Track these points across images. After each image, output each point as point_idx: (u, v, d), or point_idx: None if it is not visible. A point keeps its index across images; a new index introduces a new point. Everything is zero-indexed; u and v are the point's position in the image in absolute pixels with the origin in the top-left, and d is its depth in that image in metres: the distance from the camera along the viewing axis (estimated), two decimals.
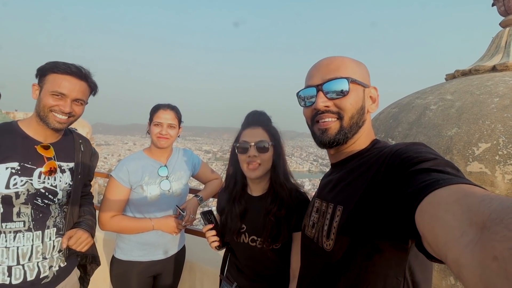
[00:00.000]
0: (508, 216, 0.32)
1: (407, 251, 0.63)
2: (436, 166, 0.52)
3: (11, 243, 1.18)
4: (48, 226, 1.27)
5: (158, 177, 1.66)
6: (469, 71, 2.13)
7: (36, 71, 1.24)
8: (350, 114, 0.77)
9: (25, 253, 1.20)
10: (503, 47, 2.12)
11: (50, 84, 1.20)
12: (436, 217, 0.43)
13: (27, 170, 1.21)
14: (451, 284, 1.35)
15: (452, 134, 1.52)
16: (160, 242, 1.67)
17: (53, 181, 1.28)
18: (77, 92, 1.25)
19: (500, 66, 1.93)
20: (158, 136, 1.61)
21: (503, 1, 2.13)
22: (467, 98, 1.67)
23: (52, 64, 1.22)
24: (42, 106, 1.20)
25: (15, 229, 1.19)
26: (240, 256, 1.27)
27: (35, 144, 1.25)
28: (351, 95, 0.76)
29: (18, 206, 1.18)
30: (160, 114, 1.63)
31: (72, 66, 1.24)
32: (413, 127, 1.76)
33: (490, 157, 1.36)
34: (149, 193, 1.62)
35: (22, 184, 1.18)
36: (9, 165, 1.17)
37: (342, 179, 0.79)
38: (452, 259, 0.38)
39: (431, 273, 0.72)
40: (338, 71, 0.77)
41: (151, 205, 1.64)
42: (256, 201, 1.24)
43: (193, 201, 1.74)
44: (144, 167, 1.65)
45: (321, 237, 0.78)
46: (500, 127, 1.40)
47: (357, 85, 0.77)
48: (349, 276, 0.69)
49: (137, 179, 1.61)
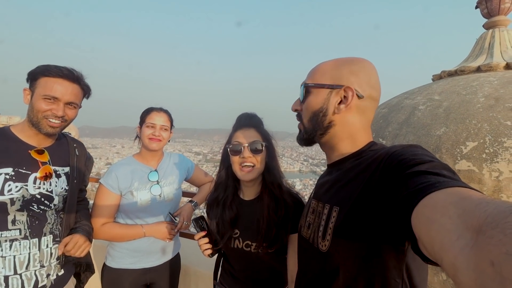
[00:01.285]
0: (504, 220, 0.33)
1: (405, 253, 0.63)
2: (432, 169, 0.52)
3: (7, 252, 1.14)
4: (44, 233, 1.24)
5: (149, 182, 1.62)
6: (455, 71, 2.18)
7: (27, 75, 1.21)
8: (306, 116, 0.85)
9: (22, 262, 1.17)
10: (487, 48, 2.19)
11: (42, 88, 1.17)
12: (432, 220, 0.43)
13: (22, 176, 1.17)
14: (443, 280, 1.38)
15: (440, 133, 1.56)
16: (152, 248, 1.62)
17: (49, 186, 1.25)
18: (69, 95, 1.22)
19: (485, 67, 1.99)
20: (151, 137, 1.58)
21: (486, 4, 2.19)
22: (454, 98, 1.72)
23: (43, 68, 1.19)
24: (35, 111, 1.18)
25: (11, 238, 1.15)
26: (235, 262, 1.24)
27: (29, 148, 1.22)
28: (307, 99, 0.84)
29: (13, 213, 1.15)
30: (154, 115, 1.61)
31: (64, 68, 1.21)
32: (403, 127, 1.79)
33: (477, 155, 1.39)
34: (139, 199, 1.58)
35: (17, 190, 1.15)
36: (2, 171, 1.14)
37: (338, 180, 0.79)
38: (448, 262, 0.38)
39: (427, 275, 0.73)
40: (307, 78, 0.86)
41: (142, 211, 1.60)
42: (249, 205, 1.22)
43: (187, 207, 1.72)
44: (133, 173, 1.61)
45: (316, 238, 0.78)
46: (486, 126, 1.44)
47: (317, 89, 0.82)
48: (346, 277, 0.69)
49: (126, 185, 1.57)
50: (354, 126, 0.81)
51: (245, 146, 1.14)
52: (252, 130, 1.19)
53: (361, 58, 0.83)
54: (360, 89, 0.78)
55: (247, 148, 1.14)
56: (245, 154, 1.14)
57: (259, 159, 1.16)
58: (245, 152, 1.14)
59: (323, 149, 0.90)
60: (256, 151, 1.15)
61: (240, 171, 1.16)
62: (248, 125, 1.20)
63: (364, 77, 0.79)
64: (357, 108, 0.79)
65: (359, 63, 0.81)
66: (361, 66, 0.80)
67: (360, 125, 0.81)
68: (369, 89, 0.79)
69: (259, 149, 1.15)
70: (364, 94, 0.79)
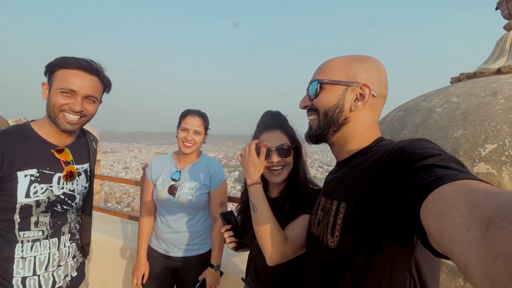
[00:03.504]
0: None
1: (413, 248, 0.63)
2: (440, 162, 0.52)
3: (28, 253, 1.12)
4: (63, 233, 1.23)
5: (170, 181, 1.71)
6: (474, 74, 2.13)
7: (45, 68, 1.14)
8: (322, 111, 0.83)
9: (42, 262, 1.15)
10: (508, 50, 2.12)
11: (59, 81, 1.10)
12: (441, 213, 0.43)
13: (46, 177, 1.14)
14: (460, 285, 1.33)
15: (458, 135, 1.53)
16: (172, 239, 1.73)
17: (71, 185, 1.23)
18: (87, 88, 1.13)
19: (505, 69, 1.94)
20: (183, 140, 1.66)
21: (506, 5, 2.14)
22: (472, 100, 1.68)
23: (60, 60, 1.12)
24: (52, 105, 1.11)
25: (34, 238, 1.13)
26: (258, 259, 1.25)
27: (51, 148, 1.18)
28: (322, 95, 0.82)
29: (37, 215, 1.12)
30: (188, 120, 1.67)
31: (82, 60, 1.13)
32: (419, 130, 1.76)
33: (496, 158, 1.36)
34: (158, 193, 1.69)
35: (43, 192, 1.12)
36: (27, 172, 1.09)
37: (346, 176, 0.79)
38: (458, 255, 0.38)
39: (439, 271, 0.72)
40: (318, 73, 0.84)
41: (160, 206, 1.74)
42: (274, 202, 1.22)
43: (209, 273, 1.71)
44: (164, 168, 1.76)
45: (325, 234, 0.79)
46: (506, 128, 1.40)
47: (331, 85, 0.81)
48: (354, 273, 0.69)
49: (155, 177, 1.75)
50: (366, 123, 0.82)
51: (273, 151, 1.13)
52: (278, 132, 1.17)
53: (370, 56, 0.84)
54: (373, 86, 0.79)
55: (275, 153, 1.13)
56: (274, 159, 1.12)
57: (288, 161, 1.15)
58: (273, 157, 1.13)
59: (333, 147, 0.89)
60: (284, 154, 1.13)
61: (269, 174, 1.15)
62: (274, 127, 1.18)
63: (376, 75, 0.80)
64: (371, 105, 0.81)
65: (370, 61, 0.82)
66: (373, 65, 0.81)
67: (371, 122, 0.82)
68: (380, 87, 0.81)
69: (287, 151, 1.14)
70: (377, 92, 0.80)
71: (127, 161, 75.30)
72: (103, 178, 3.19)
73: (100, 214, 2.92)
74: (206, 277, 1.69)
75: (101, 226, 2.81)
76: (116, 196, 43.88)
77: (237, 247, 1.25)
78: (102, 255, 2.58)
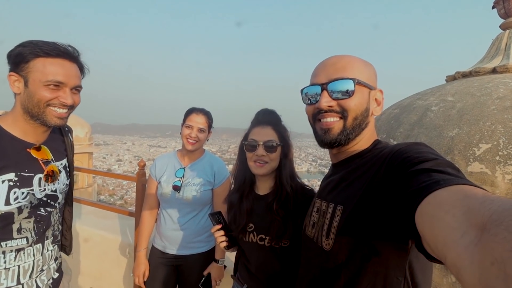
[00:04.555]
0: (508, 218, 0.33)
1: (408, 252, 0.63)
2: (436, 167, 0.52)
3: (12, 263, 1.03)
4: (47, 237, 1.15)
5: (174, 178, 1.73)
6: (470, 73, 2.15)
7: (9, 57, 0.97)
8: (354, 115, 0.76)
9: (26, 270, 1.07)
10: (503, 49, 2.15)
11: (40, 73, 0.95)
12: (436, 218, 0.43)
13: (26, 180, 1.03)
14: (452, 282, 1.37)
15: (453, 135, 1.55)
16: (176, 237, 1.75)
17: (53, 186, 1.13)
18: (74, 78, 1.02)
19: (500, 68, 1.96)
20: (187, 137, 1.68)
21: (503, 4, 2.15)
22: (467, 99, 1.70)
23: (31, 46, 0.95)
24: (37, 101, 0.97)
25: (17, 247, 1.03)
26: (251, 257, 1.27)
27: (26, 147, 1.05)
28: (356, 96, 0.75)
29: (19, 221, 1.03)
30: (192, 117, 1.70)
31: (60, 45, 0.99)
32: (415, 128, 1.78)
33: (490, 158, 1.38)
34: (163, 190, 1.73)
35: (24, 197, 1.01)
36: (5, 177, 0.98)
37: (343, 180, 0.80)
38: (452, 260, 0.38)
39: (431, 275, 0.73)
40: (345, 71, 0.76)
41: (164, 202, 1.77)
42: (261, 199, 1.26)
43: (213, 267, 1.73)
44: (168, 165, 1.79)
45: (320, 237, 0.79)
46: (500, 128, 1.43)
47: (362, 87, 0.77)
48: (349, 276, 0.70)
49: (159, 175, 1.79)
50: (373, 127, 0.83)
51: (260, 144, 1.18)
52: (268, 128, 1.21)
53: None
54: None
55: (262, 146, 1.17)
56: (259, 152, 1.17)
57: (273, 157, 1.19)
58: (259, 150, 1.17)
59: (333, 149, 0.87)
60: (270, 149, 1.18)
61: (254, 165, 1.20)
62: (266, 123, 1.23)
63: (376, 81, 0.83)
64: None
65: (372, 67, 0.83)
66: (375, 70, 0.83)
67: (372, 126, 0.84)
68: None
69: (273, 148, 1.18)
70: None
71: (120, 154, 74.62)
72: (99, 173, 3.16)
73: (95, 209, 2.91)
74: (211, 271, 1.72)
75: (96, 221, 2.80)
76: (109, 189, 43.56)
77: (229, 245, 1.28)
78: (98, 250, 2.58)
